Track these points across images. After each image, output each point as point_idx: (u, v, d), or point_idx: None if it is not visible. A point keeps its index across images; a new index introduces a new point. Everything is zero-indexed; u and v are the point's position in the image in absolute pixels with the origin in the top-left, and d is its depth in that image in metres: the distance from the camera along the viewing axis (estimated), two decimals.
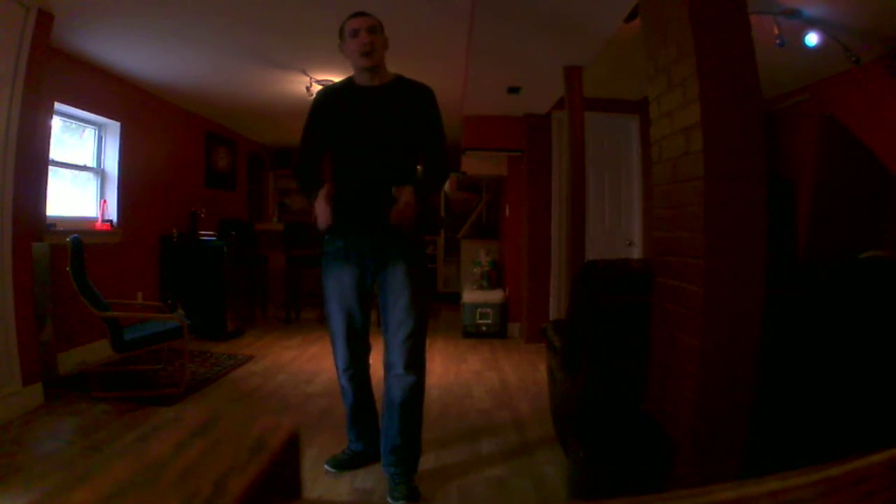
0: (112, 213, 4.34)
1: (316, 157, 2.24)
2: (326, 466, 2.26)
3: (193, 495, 0.24)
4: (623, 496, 0.28)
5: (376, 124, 2.10)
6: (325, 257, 2.20)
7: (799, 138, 4.35)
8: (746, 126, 1.55)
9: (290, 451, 0.31)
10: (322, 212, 2.03)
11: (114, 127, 4.35)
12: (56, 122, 3.80)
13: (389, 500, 2.03)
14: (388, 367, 2.13)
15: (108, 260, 4.14)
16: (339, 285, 2.15)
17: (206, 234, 5.26)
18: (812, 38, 3.17)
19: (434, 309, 6.46)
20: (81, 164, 4.20)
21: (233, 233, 5.47)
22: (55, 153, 3.78)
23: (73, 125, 4.14)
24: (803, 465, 0.29)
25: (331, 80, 4.49)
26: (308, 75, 4.35)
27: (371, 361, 2.30)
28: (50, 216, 3.62)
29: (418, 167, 2.23)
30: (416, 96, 2.16)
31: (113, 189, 4.37)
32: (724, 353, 1.53)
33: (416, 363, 2.10)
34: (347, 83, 2.18)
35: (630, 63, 3.63)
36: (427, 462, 2.33)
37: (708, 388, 1.53)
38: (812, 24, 3.10)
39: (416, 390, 2.12)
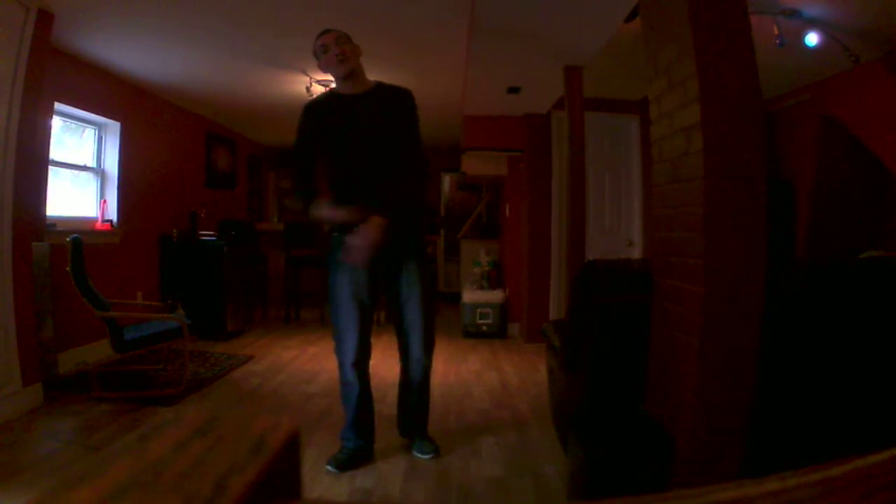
0: (112, 213, 4.34)
1: (311, 165, 2.34)
2: (328, 467, 2.26)
3: (193, 495, 0.24)
4: (623, 496, 0.28)
5: (365, 128, 2.21)
6: (335, 254, 2.26)
7: (799, 138, 4.35)
8: (746, 126, 1.54)
9: (290, 451, 0.31)
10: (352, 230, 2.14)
11: (114, 127, 4.35)
12: (56, 122, 3.80)
13: (417, 454, 2.38)
14: (406, 352, 2.38)
15: (108, 260, 4.14)
16: (352, 281, 2.24)
17: (206, 234, 5.26)
18: (812, 38, 3.17)
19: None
20: (81, 164, 4.20)
21: (233, 233, 5.47)
22: (55, 153, 3.78)
23: (73, 125, 4.14)
24: (803, 465, 0.29)
25: (331, 80, 4.49)
26: (308, 75, 4.35)
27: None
28: (50, 216, 3.62)
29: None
30: (396, 99, 2.29)
31: (113, 189, 4.37)
32: (724, 353, 1.53)
33: (430, 349, 2.39)
34: (330, 94, 2.33)
35: (630, 63, 3.63)
36: (427, 462, 2.34)
37: (708, 388, 1.53)
38: (812, 24, 3.10)
39: (429, 370, 2.43)
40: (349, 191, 2.24)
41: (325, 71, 2.26)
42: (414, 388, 2.42)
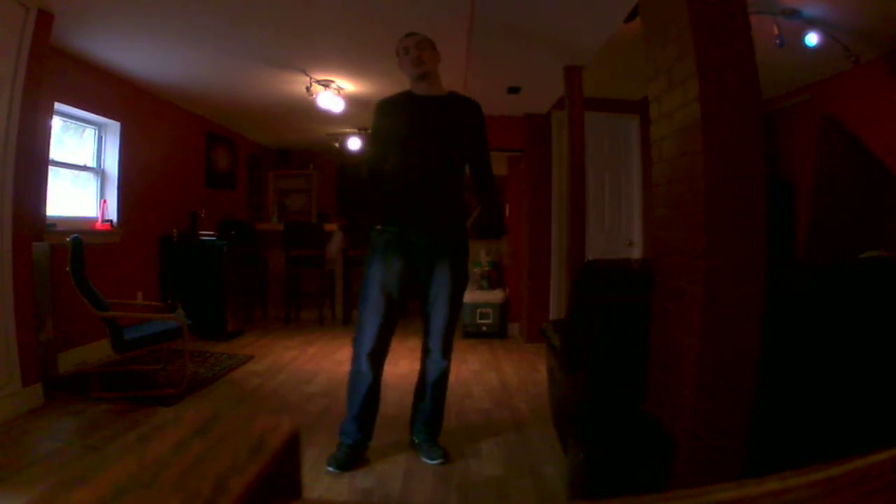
0: (112, 213, 4.34)
1: (380, 171, 2.36)
2: (328, 468, 2.26)
3: (193, 495, 0.24)
4: (623, 496, 0.28)
5: (435, 128, 2.30)
6: (374, 246, 2.32)
7: (799, 138, 4.35)
8: (746, 126, 1.54)
9: (290, 451, 0.31)
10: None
11: (114, 127, 4.35)
12: (56, 122, 3.80)
13: (426, 459, 2.35)
14: (426, 351, 2.42)
15: (108, 260, 4.14)
16: (385, 272, 2.27)
17: (206, 234, 5.26)
18: (812, 38, 3.17)
19: None
20: (81, 164, 4.20)
21: (233, 233, 5.47)
22: (55, 153, 3.78)
23: (73, 125, 4.14)
24: (803, 465, 0.29)
25: (331, 80, 4.49)
26: (308, 75, 4.35)
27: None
28: (50, 216, 3.61)
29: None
30: (468, 110, 2.41)
31: (113, 189, 4.37)
32: (724, 354, 1.53)
33: (449, 351, 2.42)
34: (406, 93, 2.38)
35: (630, 63, 3.63)
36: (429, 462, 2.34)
37: (708, 388, 1.53)
38: (812, 24, 3.10)
39: (447, 373, 2.45)
40: (404, 184, 2.29)
41: (402, 70, 2.36)
42: (429, 390, 2.42)
